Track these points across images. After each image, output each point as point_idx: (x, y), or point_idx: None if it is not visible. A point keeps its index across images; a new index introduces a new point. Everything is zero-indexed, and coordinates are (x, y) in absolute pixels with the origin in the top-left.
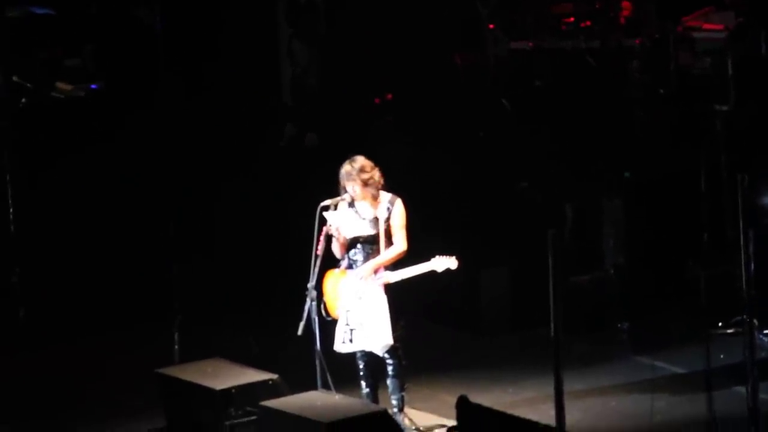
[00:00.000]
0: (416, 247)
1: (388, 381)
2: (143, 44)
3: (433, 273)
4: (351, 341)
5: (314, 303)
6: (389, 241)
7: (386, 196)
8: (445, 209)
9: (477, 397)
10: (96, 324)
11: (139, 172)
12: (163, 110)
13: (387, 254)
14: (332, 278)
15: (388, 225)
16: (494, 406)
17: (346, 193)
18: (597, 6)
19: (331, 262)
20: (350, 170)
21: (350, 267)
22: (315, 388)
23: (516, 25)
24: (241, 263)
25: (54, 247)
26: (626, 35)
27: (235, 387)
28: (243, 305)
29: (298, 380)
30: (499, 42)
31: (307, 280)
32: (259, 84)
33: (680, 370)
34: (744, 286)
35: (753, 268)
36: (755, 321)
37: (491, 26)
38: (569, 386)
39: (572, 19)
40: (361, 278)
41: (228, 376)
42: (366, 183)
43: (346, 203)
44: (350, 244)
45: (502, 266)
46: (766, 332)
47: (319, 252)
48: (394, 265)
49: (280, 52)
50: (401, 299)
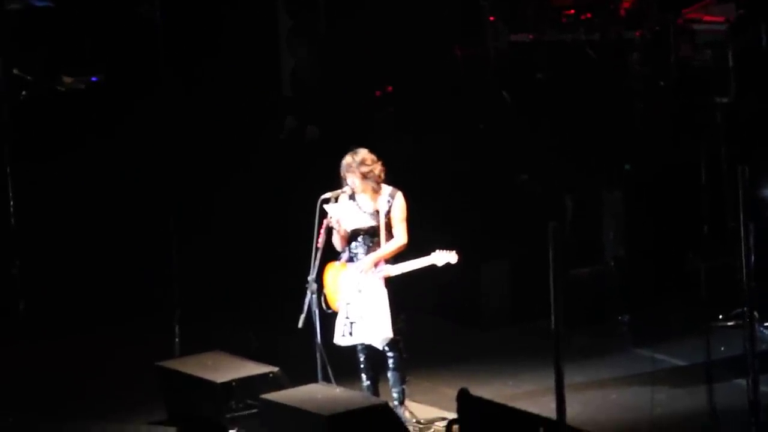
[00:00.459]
0: (417, 240)
1: (389, 374)
2: (143, 37)
3: (433, 267)
4: (351, 334)
5: (315, 296)
6: (390, 234)
7: (387, 189)
8: (446, 201)
9: (477, 389)
10: (96, 317)
11: (139, 165)
12: (163, 103)
13: (387, 247)
14: (333, 271)
15: (389, 218)
16: (495, 399)
17: (347, 185)
18: None
19: (331, 255)
20: (350, 162)
21: (351, 260)
22: (315, 380)
23: (516, 17)
24: (242, 256)
25: (54, 240)
26: (626, 27)
27: (235, 380)
28: (243, 298)
29: (299, 373)
30: (500, 34)
31: (307, 272)
32: (259, 77)
33: (681, 363)
34: (744, 279)
35: (753, 260)
36: (756, 313)
37: (491, 18)
38: (569, 379)
39: (572, 11)
40: (362, 271)
41: (228, 369)
42: (365, 176)
43: (346, 196)
44: (351, 237)
45: (502, 259)
46: (766, 324)
47: (319, 245)
48: (395, 258)
49: (280, 44)
50: (401, 292)
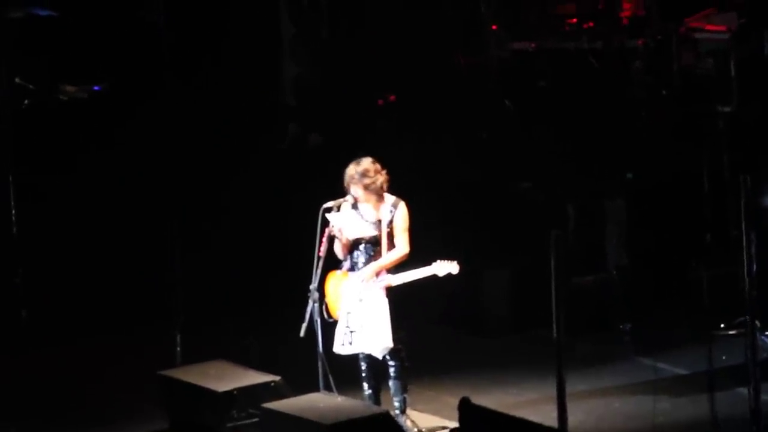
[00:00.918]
0: (419, 247)
1: (390, 383)
2: (146, 45)
3: (434, 277)
4: (350, 343)
5: (317, 304)
6: (391, 244)
7: (390, 199)
8: (448, 210)
9: (479, 398)
10: (98, 325)
11: (141, 173)
12: (165, 111)
13: (389, 257)
14: (334, 280)
15: (391, 227)
16: (497, 408)
17: (350, 194)
18: (600, 7)
19: (333, 264)
20: (353, 173)
21: (352, 269)
22: (317, 389)
23: (519, 25)
24: (244, 264)
25: (57, 248)
26: (629, 36)
27: (237, 389)
28: (245, 306)
29: (300, 382)
30: (502, 42)
31: (309, 281)
32: (261, 84)
33: (683, 371)
34: (746, 287)
35: (756, 268)
36: (757, 322)
37: (494, 27)
38: (572, 387)
39: (575, 19)
40: (363, 281)
41: (230, 378)
42: (367, 187)
43: (349, 204)
44: (352, 246)
45: (505, 267)
46: None
47: (321, 253)
48: (396, 268)
49: (283, 52)
50: (404, 301)
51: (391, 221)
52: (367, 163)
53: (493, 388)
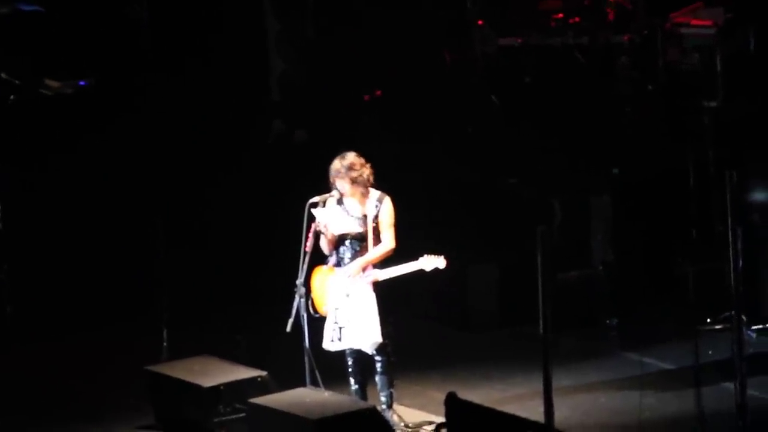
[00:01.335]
0: (405, 243)
1: (377, 378)
2: (131, 41)
3: (421, 272)
4: (340, 339)
5: (303, 300)
6: (377, 239)
7: (375, 194)
8: (434, 205)
9: (466, 393)
10: (85, 321)
11: (127, 168)
12: (150, 107)
13: (375, 252)
14: (320, 275)
15: (377, 222)
16: (483, 403)
17: (335, 189)
18: (585, 2)
19: (319, 259)
20: (339, 167)
21: (338, 264)
22: (304, 384)
23: (505, 21)
24: (230, 260)
25: (42, 244)
26: (615, 31)
27: (223, 384)
28: (231, 302)
29: (287, 377)
30: (488, 38)
31: (295, 276)
32: (247, 80)
33: (669, 366)
34: (732, 283)
35: (741, 264)
36: (743, 317)
37: (480, 22)
38: (558, 383)
39: (561, 15)
40: (349, 276)
41: (216, 373)
42: (354, 181)
43: (334, 200)
44: (338, 241)
45: (490, 262)
46: (754, 328)
47: (307, 249)
48: (383, 263)
49: (268, 48)
50: (390, 296)
51: (376, 216)
52: (352, 156)
53: (479, 383)
